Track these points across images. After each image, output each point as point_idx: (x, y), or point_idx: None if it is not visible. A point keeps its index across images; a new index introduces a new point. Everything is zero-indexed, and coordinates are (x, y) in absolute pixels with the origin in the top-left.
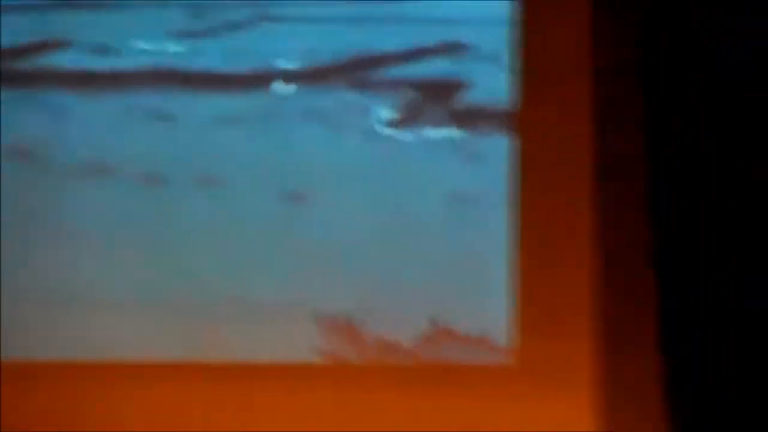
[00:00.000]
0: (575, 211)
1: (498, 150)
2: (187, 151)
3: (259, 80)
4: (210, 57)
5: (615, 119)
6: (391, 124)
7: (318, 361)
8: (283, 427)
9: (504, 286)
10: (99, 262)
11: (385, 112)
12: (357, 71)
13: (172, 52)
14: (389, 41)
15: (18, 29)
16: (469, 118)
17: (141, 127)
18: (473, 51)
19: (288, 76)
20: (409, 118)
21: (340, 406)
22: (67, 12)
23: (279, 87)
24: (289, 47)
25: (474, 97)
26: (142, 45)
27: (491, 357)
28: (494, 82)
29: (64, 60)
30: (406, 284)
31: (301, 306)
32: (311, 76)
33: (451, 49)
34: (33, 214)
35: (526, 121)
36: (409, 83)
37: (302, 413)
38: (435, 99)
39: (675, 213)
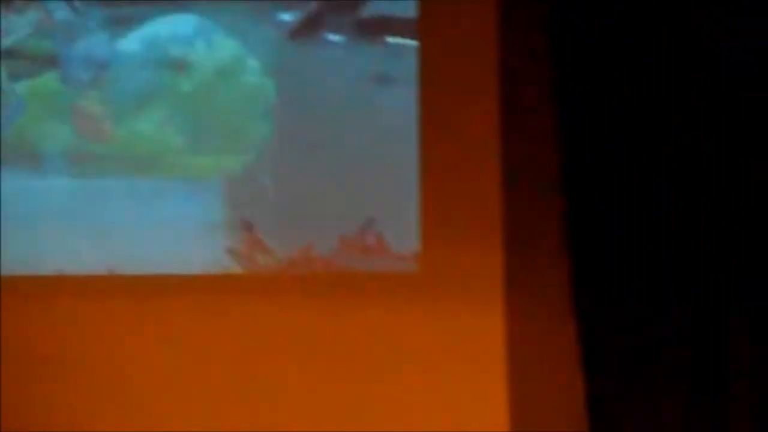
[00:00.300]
0: (482, 122)
1: (405, 60)
2: None
3: None
4: None
5: (521, 41)
6: (296, 31)
7: (228, 271)
8: (196, 336)
9: (413, 197)
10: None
11: (289, 18)
12: None
13: None
14: None
15: None
16: (375, 26)
17: None
18: None
19: None
20: (313, 25)
21: (249, 315)
22: None
23: None
24: None
25: (379, 7)
26: None
27: (398, 265)
28: None
29: None
30: (314, 195)
31: (208, 218)
32: None
33: None
34: None
35: (429, 30)
36: None
37: (214, 322)
38: (340, 8)
39: (580, 131)
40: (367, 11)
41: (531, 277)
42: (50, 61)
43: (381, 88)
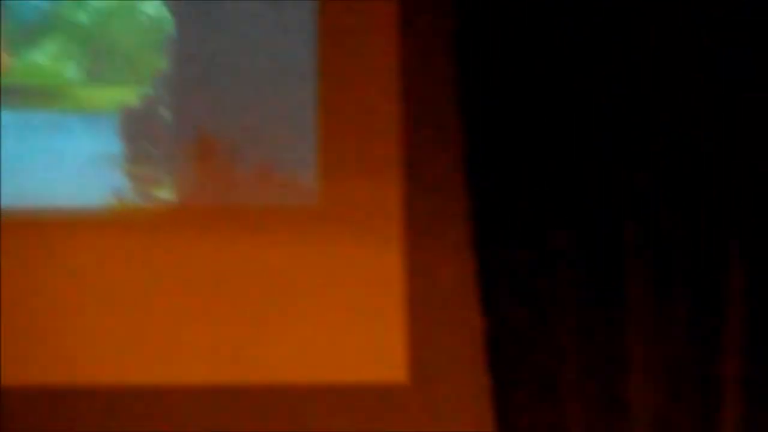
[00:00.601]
0: (382, 56)
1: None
2: None
3: None
4: None
5: None
6: None
7: (125, 205)
8: (93, 269)
9: (311, 131)
10: None
11: None
12: None
13: None
14: None
15: None
16: None
17: None
18: None
19: None
20: None
21: (146, 249)
22: None
23: None
24: None
25: None
26: None
27: (297, 199)
28: None
29: None
30: (212, 128)
31: (106, 151)
32: None
33: None
34: None
35: None
36: None
37: (110, 256)
38: None
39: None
40: None
41: (431, 212)
42: None
43: (279, 20)
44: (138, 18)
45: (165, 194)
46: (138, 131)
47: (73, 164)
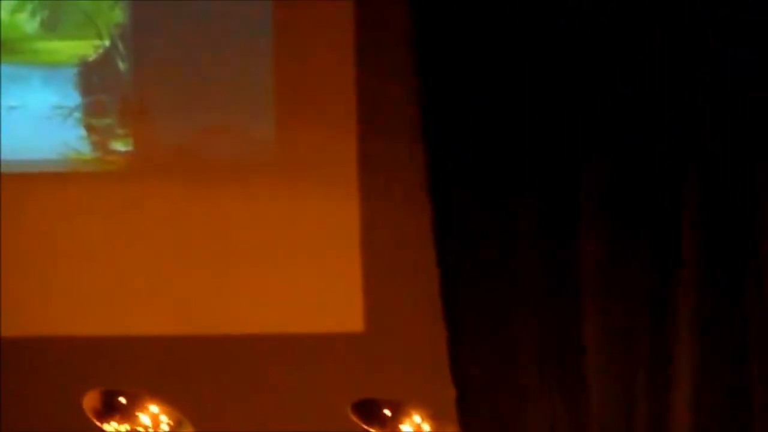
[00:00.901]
0: (335, 5)
1: None
2: None
3: None
4: None
5: None
6: None
7: (82, 157)
8: (50, 220)
9: (267, 83)
10: None
11: None
12: None
13: None
14: None
15: None
16: None
17: None
18: None
19: None
20: None
21: (103, 202)
22: None
23: None
24: None
25: None
26: None
27: (253, 151)
28: None
29: None
30: (169, 81)
31: (63, 103)
32: None
33: None
34: None
35: None
36: None
37: (68, 208)
38: None
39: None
40: None
41: (386, 160)
42: None
43: None
44: None
45: (122, 146)
46: (95, 84)
47: (31, 117)
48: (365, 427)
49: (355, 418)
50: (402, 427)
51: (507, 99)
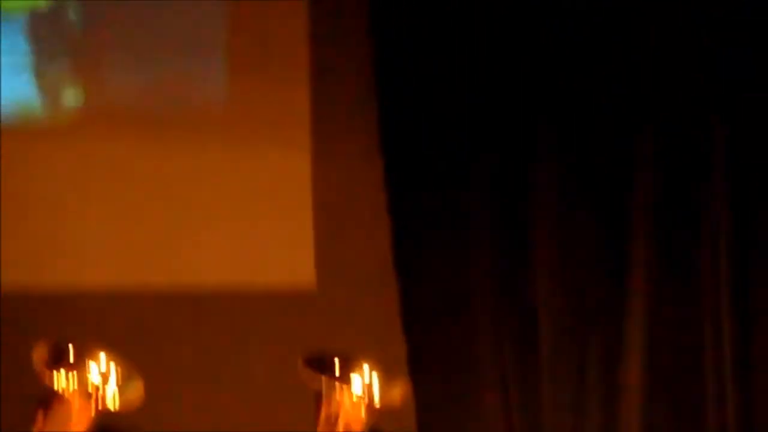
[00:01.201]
0: None
1: None
2: None
3: None
4: None
5: None
6: None
7: (33, 109)
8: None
9: (219, 35)
10: None
11: None
12: None
13: None
14: None
15: None
16: None
17: None
18: None
19: None
20: None
21: (54, 154)
22: None
23: None
24: None
25: None
26: None
27: (204, 104)
28: None
29: None
30: (121, 33)
31: (15, 57)
32: None
33: None
34: None
35: None
36: None
37: (18, 159)
38: None
39: None
40: None
41: (338, 116)
42: None
43: None
44: None
45: (74, 98)
46: (47, 36)
47: None
48: (316, 376)
49: (306, 371)
50: (352, 376)
51: (462, 52)
